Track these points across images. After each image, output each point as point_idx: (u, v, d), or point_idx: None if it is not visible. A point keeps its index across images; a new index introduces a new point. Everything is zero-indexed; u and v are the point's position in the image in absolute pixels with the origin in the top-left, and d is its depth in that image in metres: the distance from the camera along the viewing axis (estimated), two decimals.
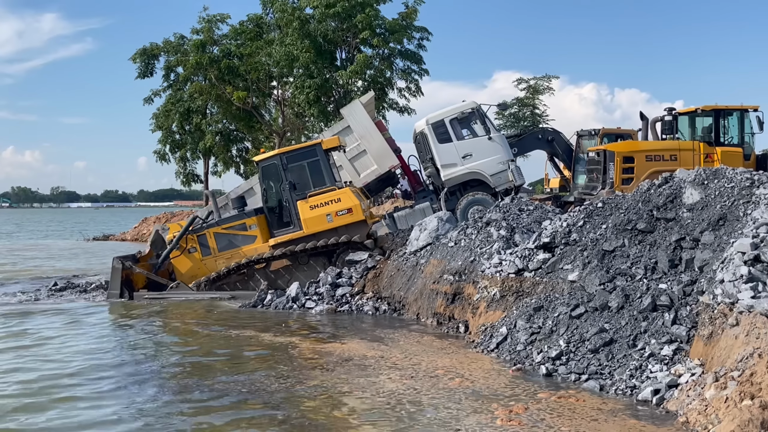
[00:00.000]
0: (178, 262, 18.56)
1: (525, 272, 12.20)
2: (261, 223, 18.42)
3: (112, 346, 12.50)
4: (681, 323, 9.20)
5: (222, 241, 18.42)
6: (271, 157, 18.41)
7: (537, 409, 7.99)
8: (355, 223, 17.77)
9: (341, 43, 33.96)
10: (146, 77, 42.39)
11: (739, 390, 6.93)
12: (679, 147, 19.85)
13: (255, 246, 18.26)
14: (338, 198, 17.75)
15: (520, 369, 9.77)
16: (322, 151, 18.16)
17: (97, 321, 15.33)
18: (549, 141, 23.63)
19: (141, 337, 13.45)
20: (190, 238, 18.50)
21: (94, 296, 18.81)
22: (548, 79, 49.93)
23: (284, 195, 18.16)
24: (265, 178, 18.55)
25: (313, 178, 18.07)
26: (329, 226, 17.72)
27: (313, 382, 9.59)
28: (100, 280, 20.79)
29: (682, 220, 10.79)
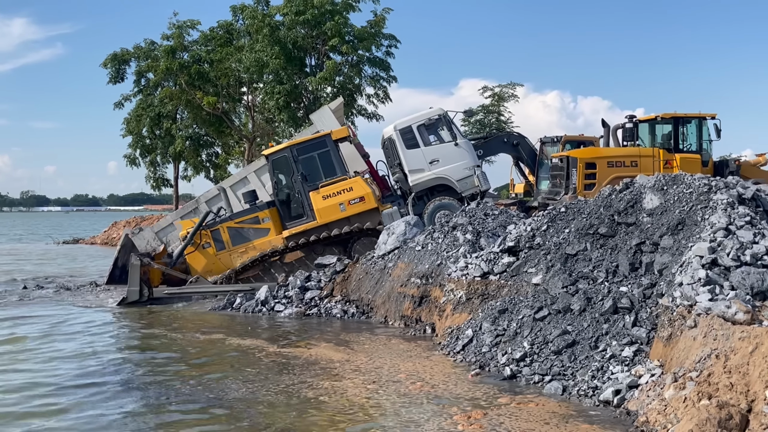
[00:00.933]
0: (192, 259, 18.52)
1: (490, 275, 12.24)
2: (273, 215, 18.42)
3: (74, 353, 12.26)
4: (641, 325, 9.28)
5: (235, 235, 18.42)
6: (281, 150, 18.39)
7: (497, 414, 7.97)
8: (368, 211, 17.87)
9: (311, 50, 33.83)
10: (117, 82, 41.86)
11: (697, 390, 6.99)
12: (639, 153, 20.04)
13: (269, 239, 18.30)
14: (350, 187, 17.85)
15: (479, 374, 9.79)
16: (332, 142, 18.22)
17: (67, 327, 15.07)
18: (514, 145, 23.73)
19: (106, 342, 13.26)
20: (204, 234, 18.46)
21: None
22: (513, 87, 50.20)
23: (296, 187, 18.17)
24: (276, 171, 18.55)
25: (324, 169, 18.13)
26: (342, 215, 17.82)
27: (279, 386, 9.51)
28: (68, 281, 20.48)
29: (643, 225, 10.89)
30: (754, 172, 21.11)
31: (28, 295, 19.49)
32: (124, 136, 43.38)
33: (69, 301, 18.34)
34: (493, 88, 50.25)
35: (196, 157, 42.77)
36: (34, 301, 18.60)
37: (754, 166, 22.06)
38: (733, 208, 9.94)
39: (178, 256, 18.58)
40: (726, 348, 7.31)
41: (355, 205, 17.77)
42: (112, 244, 39.71)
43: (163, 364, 11.25)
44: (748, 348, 7.00)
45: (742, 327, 7.44)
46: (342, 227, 17.69)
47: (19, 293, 19.84)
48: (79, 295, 19.55)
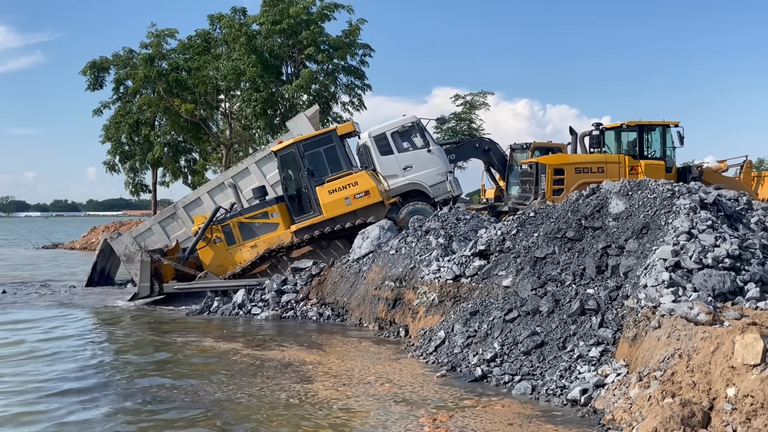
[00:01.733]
0: (203, 254, 18.40)
1: (462, 278, 12.27)
2: (282, 210, 18.32)
3: (51, 354, 12.13)
4: (607, 326, 9.33)
5: (246, 230, 18.35)
6: (289, 146, 18.26)
7: (462, 416, 7.96)
8: (373, 205, 17.73)
9: (287, 59, 33.82)
10: (96, 90, 41.63)
11: (661, 389, 7.05)
12: (605, 160, 20.21)
13: (278, 233, 18.21)
14: (355, 181, 17.71)
15: (444, 375, 9.80)
16: (337, 137, 18.12)
17: (41, 330, 14.88)
18: (486, 150, 23.87)
19: (82, 344, 13.10)
20: (215, 229, 18.36)
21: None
22: (484, 95, 50.45)
23: (303, 182, 18.06)
24: (284, 167, 18.43)
25: (330, 164, 18.02)
26: (348, 209, 17.69)
27: (253, 388, 9.44)
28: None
29: (609, 229, 10.96)
30: (716, 178, 21.37)
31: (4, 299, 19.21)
32: (103, 142, 43.11)
33: (50, 304, 18.07)
34: (464, 96, 50.50)
35: (174, 163, 42.57)
36: (18, 305, 18.33)
37: (715, 172, 22.34)
38: (696, 213, 10.05)
39: (190, 251, 18.45)
40: (689, 348, 7.37)
41: (361, 199, 17.65)
42: (91, 249, 39.21)
43: (139, 367, 11.11)
44: (710, 348, 7.07)
45: (704, 327, 7.51)
46: (349, 221, 17.65)
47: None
48: (62, 298, 19.30)
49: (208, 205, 21.45)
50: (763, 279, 8.71)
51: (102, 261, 23.54)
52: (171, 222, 22.02)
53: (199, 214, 21.25)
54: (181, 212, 21.82)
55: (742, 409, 6.19)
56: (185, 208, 21.85)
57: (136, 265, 22.26)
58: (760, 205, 11.51)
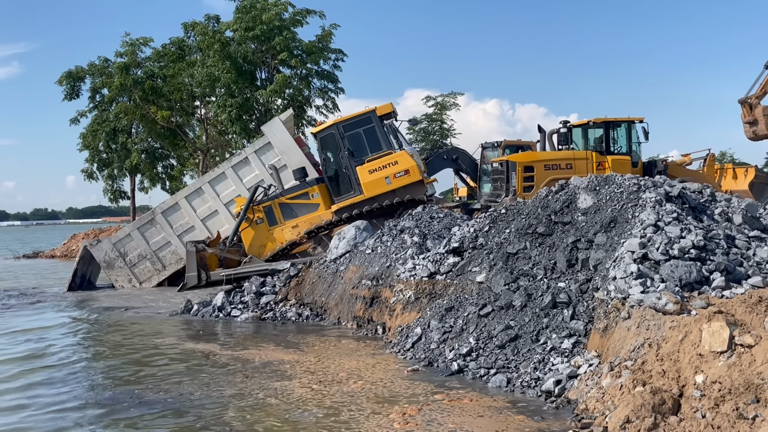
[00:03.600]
0: (245, 234, 18.30)
1: (437, 275, 12.26)
2: (323, 191, 18.29)
3: (30, 357, 11.99)
4: (579, 318, 9.37)
5: (287, 210, 18.31)
6: (329, 128, 18.23)
7: (429, 409, 7.93)
8: (413, 184, 17.72)
9: (261, 64, 33.56)
10: (72, 99, 41.02)
11: (632, 378, 7.08)
12: (573, 156, 20.32)
13: (318, 213, 18.19)
14: (395, 161, 17.67)
15: (416, 370, 9.79)
16: (377, 118, 18.00)
17: (16, 331, 14.64)
18: (454, 159, 24.13)
19: (62, 347, 12.93)
20: (256, 210, 18.27)
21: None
22: (454, 96, 50.51)
23: (343, 162, 17.99)
24: (324, 149, 18.40)
25: (370, 144, 17.97)
26: (388, 188, 17.67)
27: (233, 389, 9.36)
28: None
29: (578, 224, 11.00)
30: (680, 172, 21.57)
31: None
32: (81, 150, 42.52)
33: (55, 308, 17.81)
34: (435, 97, 50.54)
35: (152, 170, 42.14)
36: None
37: (680, 165, 22.56)
38: (661, 206, 10.12)
39: (234, 233, 18.31)
40: (658, 337, 7.41)
41: (401, 178, 17.61)
42: (72, 257, 38.78)
43: (119, 369, 10.98)
44: (678, 336, 7.11)
45: (672, 317, 7.56)
46: (389, 200, 17.63)
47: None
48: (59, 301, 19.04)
49: (186, 210, 21.33)
50: (728, 268, 8.78)
51: (83, 267, 23.32)
52: (150, 228, 21.88)
53: (180, 219, 21.20)
54: (160, 218, 21.68)
55: (710, 395, 6.23)
56: (163, 214, 21.72)
57: (117, 271, 22.17)
58: (723, 196, 11.61)
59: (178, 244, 21.43)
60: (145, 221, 22.04)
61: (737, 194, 14.81)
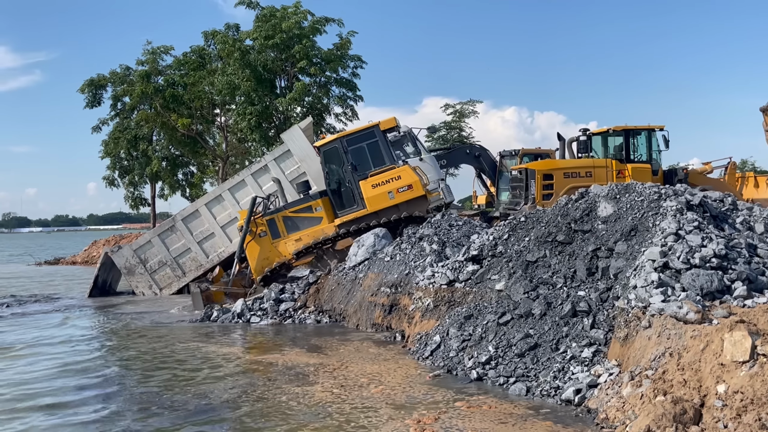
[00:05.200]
0: (251, 249, 18.29)
1: (456, 283, 12.25)
2: (326, 204, 18.27)
3: (57, 364, 12.07)
4: (599, 327, 9.32)
5: (290, 223, 18.29)
6: (332, 141, 18.23)
7: (448, 417, 7.90)
8: (416, 199, 17.69)
9: (280, 72, 33.75)
10: (94, 107, 41.53)
11: (653, 387, 7.04)
12: (593, 164, 20.24)
13: (321, 227, 18.14)
14: (398, 175, 17.67)
15: (438, 376, 9.77)
16: (380, 132, 18.01)
17: (46, 337, 14.79)
18: (476, 156, 23.88)
19: (88, 353, 13.05)
20: (259, 222, 18.27)
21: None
22: (473, 104, 50.53)
23: (346, 176, 17.99)
24: (327, 162, 18.36)
25: (373, 158, 17.94)
26: (391, 202, 17.67)
27: (255, 392, 9.43)
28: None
29: (598, 232, 10.96)
30: (701, 180, 21.41)
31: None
32: (103, 158, 42.98)
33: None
34: (454, 105, 50.61)
35: (172, 177, 42.46)
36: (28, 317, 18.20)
37: (701, 174, 22.38)
38: (682, 214, 10.06)
39: (240, 248, 18.32)
40: (679, 346, 7.36)
41: (404, 193, 17.60)
42: (93, 263, 39.07)
43: (141, 373, 11.09)
44: (700, 346, 7.06)
45: (693, 326, 7.51)
46: (392, 214, 17.59)
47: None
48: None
49: (206, 217, 21.47)
50: (750, 277, 8.71)
51: (103, 274, 23.51)
52: (170, 234, 22.03)
53: (200, 226, 21.33)
54: (180, 224, 21.82)
55: (732, 405, 6.18)
56: (184, 221, 21.86)
57: (137, 277, 22.32)
58: (744, 205, 11.52)
59: (198, 251, 21.58)
60: (166, 228, 22.19)
61: (759, 203, 14.67)
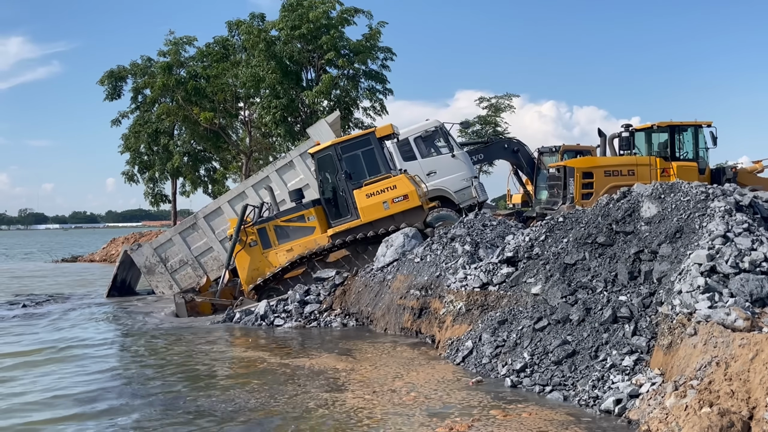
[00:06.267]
0: (240, 259, 18.36)
1: (489, 286, 12.23)
2: (319, 214, 18.30)
3: (82, 368, 12.27)
4: (641, 334, 9.27)
5: (281, 233, 18.34)
6: (326, 148, 18.22)
7: (483, 425, 7.88)
8: (412, 209, 17.65)
9: (307, 64, 33.90)
10: (114, 99, 42.04)
11: (698, 398, 6.98)
12: (636, 162, 20.07)
13: (314, 237, 18.18)
14: (393, 185, 17.64)
15: (480, 381, 9.76)
16: (376, 140, 18.04)
17: (72, 343, 15.03)
18: (514, 151, 23.76)
19: (105, 356, 13.27)
20: (249, 231, 18.34)
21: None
22: (509, 98, 50.13)
23: (340, 185, 18.01)
24: (321, 170, 18.41)
25: (368, 167, 17.95)
26: (386, 213, 17.64)
27: (283, 397, 9.52)
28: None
29: (641, 233, 10.89)
30: (751, 179, 21.13)
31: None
32: (122, 152, 43.51)
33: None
34: (489, 99, 50.28)
35: (194, 173, 42.87)
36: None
37: (750, 173, 22.08)
38: (731, 216, 9.96)
39: (229, 257, 18.42)
40: (726, 355, 7.30)
41: (399, 204, 17.57)
42: (111, 261, 39.56)
43: (167, 377, 11.23)
44: (749, 355, 7.00)
45: (742, 334, 7.44)
46: (387, 226, 17.54)
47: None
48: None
49: (229, 214, 21.61)
50: None
51: (122, 273, 23.79)
52: (192, 233, 22.20)
53: (223, 224, 21.44)
54: (202, 222, 22.00)
55: None
56: (206, 218, 22.02)
57: (157, 276, 22.54)
58: None
59: (220, 250, 21.73)
60: (187, 226, 22.37)
61: None
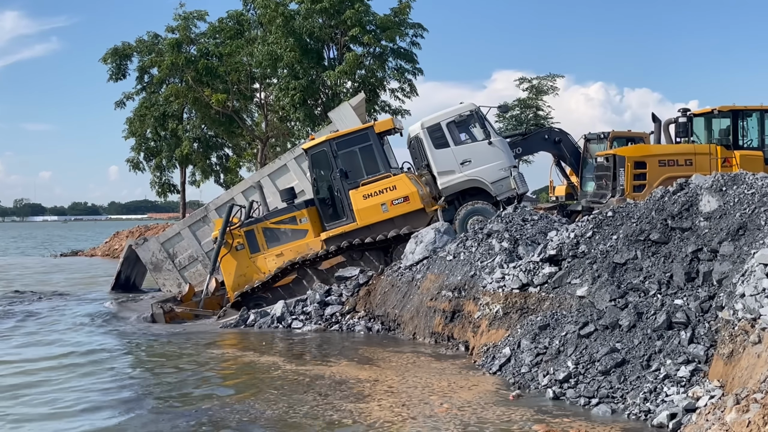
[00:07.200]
0: (226, 264, 18.38)
1: (530, 287, 12.21)
2: (312, 215, 18.29)
3: (90, 374, 12.47)
4: (699, 342, 9.21)
5: (271, 236, 18.33)
6: (320, 144, 18.25)
7: None
8: (413, 213, 17.66)
9: (329, 41, 33.92)
10: (118, 79, 42.35)
11: (762, 413, 6.92)
12: (694, 151, 19.89)
13: (306, 241, 18.17)
14: (393, 185, 17.63)
15: (520, 396, 9.75)
16: (374, 135, 18.04)
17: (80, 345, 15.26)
18: (556, 142, 23.58)
19: (119, 361, 13.51)
20: (236, 234, 18.36)
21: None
22: (552, 79, 49.92)
23: (335, 184, 18.03)
24: (315, 167, 18.47)
25: (366, 165, 17.97)
26: (384, 216, 17.62)
27: (304, 408, 9.59)
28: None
29: (699, 230, 10.81)
30: None
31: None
32: (127, 138, 43.82)
33: None
34: (530, 80, 50.07)
35: (204, 161, 43.08)
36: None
37: None
38: None
39: (214, 262, 18.50)
40: None
41: (399, 206, 17.54)
42: (114, 257, 40.02)
43: (180, 385, 11.40)
44: None
45: None
46: (385, 230, 17.52)
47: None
48: None
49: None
50: None
51: (126, 269, 24.02)
52: (202, 226, 22.33)
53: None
54: (213, 215, 22.10)
55: None
56: (217, 210, 22.11)
57: (164, 273, 22.72)
58: None
59: None
60: (197, 219, 22.49)
61: None
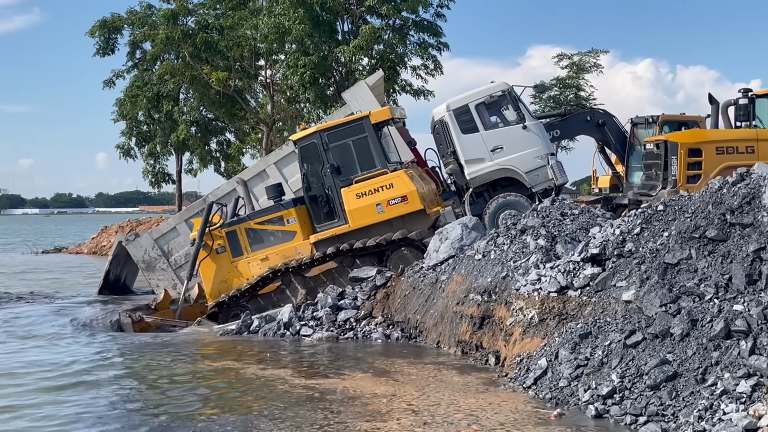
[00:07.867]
0: (205, 268, 18.41)
1: (569, 291, 12.19)
2: (301, 215, 18.29)
3: (73, 385, 12.58)
4: (761, 353, 9.15)
5: (255, 237, 18.34)
6: (310, 135, 18.25)
7: None
8: (412, 214, 17.65)
9: (343, 13, 33.96)
10: (107, 55, 42.60)
11: None
12: (756, 136, 19.80)
13: (294, 244, 18.17)
14: (390, 183, 17.55)
15: (562, 415, 9.72)
16: (370, 126, 17.97)
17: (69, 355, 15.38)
18: (599, 125, 23.44)
19: (99, 369, 13.62)
20: (216, 235, 18.37)
21: None
22: (595, 55, 49.66)
23: (326, 181, 18.01)
24: (305, 161, 18.50)
25: (360, 160, 17.96)
26: (380, 218, 17.61)
27: (313, 426, 9.59)
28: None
29: (762, 227, 10.74)
30: None
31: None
32: (116, 121, 44.11)
33: None
34: (570, 56, 49.88)
35: (203, 147, 43.29)
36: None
37: None
38: None
39: (192, 266, 18.50)
40: None
41: (396, 206, 17.45)
42: (102, 254, 40.22)
43: (175, 399, 11.44)
44: None
45: None
46: (381, 233, 17.44)
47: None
48: None
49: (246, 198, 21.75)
50: None
51: (116, 268, 24.12)
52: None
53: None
54: (213, 208, 22.17)
55: None
56: (217, 203, 22.19)
57: (158, 273, 22.84)
58: None
59: None
60: (195, 212, 22.56)
61: None
